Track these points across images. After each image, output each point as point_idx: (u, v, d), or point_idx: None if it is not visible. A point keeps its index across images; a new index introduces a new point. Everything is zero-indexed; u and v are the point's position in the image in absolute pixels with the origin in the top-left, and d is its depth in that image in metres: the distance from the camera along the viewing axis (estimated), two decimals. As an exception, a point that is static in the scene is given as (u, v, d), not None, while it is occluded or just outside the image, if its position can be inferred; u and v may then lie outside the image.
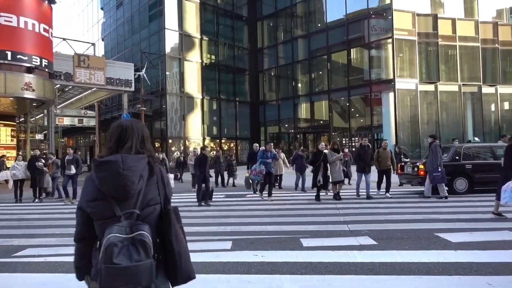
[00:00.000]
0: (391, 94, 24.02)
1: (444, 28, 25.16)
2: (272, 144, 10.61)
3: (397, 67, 23.82)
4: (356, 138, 24.46)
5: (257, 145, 12.36)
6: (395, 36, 23.73)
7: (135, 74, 24.63)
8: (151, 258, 1.51)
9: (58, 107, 29.34)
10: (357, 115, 27.48)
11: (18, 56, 16.91)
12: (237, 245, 4.92)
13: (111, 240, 1.48)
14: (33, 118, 31.86)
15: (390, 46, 24.24)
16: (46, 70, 18.37)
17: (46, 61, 18.31)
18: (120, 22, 33.80)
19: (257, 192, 10.67)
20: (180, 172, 17.63)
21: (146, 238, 1.51)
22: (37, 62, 17.55)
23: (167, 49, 26.82)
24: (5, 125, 23.77)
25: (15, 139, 24.48)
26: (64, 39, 26.26)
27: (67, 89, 28.96)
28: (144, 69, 25.20)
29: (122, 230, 1.51)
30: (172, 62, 27.63)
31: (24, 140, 27.78)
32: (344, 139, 26.66)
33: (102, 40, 37.17)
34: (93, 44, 29.59)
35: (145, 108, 24.88)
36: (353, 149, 20.89)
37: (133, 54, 30.17)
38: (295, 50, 30.25)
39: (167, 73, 26.91)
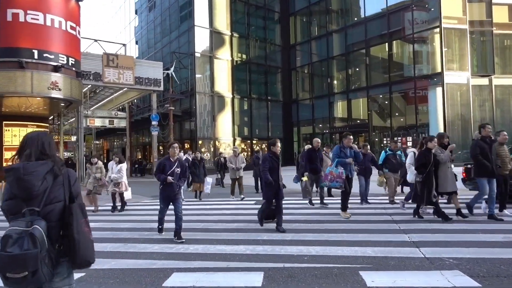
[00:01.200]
0: (439, 89, 21.78)
1: (499, 15, 22.58)
2: (351, 137, 7.25)
3: (445, 60, 21.56)
4: (399, 138, 22.36)
5: (319, 140, 9.19)
6: (443, 25, 21.47)
7: (164, 73, 23.96)
8: (37, 249, 1.79)
9: (91, 108, 29.41)
10: (398, 113, 25.32)
11: (45, 55, 16.48)
12: (271, 279, 3.54)
13: (7, 232, 1.82)
14: (69, 120, 32.24)
15: (437, 36, 22.00)
16: (73, 69, 17.88)
17: (73, 59, 17.83)
18: (151, 24, 33.59)
19: (322, 202, 8.47)
20: (221, 175, 15.77)
21: (36, 231, 1.81)
22: (63, 60, 17.08)
23: (197, 47, 25.99)
24: (38, 126, 23.80)
25: (47, 141, 24.49)
26: (95, 40, 26.12)
27: (98, 91, 28.93)
28: (173, 67, 24.50)
29: (23, 223, 1.84)
30: (202, 60, 26.78)
31: (57, 141, 27.96)
32: (385, 139, 24.57)
33: (136, 43, 37.24)
34: (124, 45, 29.39)
35: (173, 108, 24.12)
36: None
37: (163, 56, 29.69)
38: (330, 45, 28.50)
39: (197, 72, 26.07)
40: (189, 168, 11.09)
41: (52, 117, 26.90)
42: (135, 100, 31.52)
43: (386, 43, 24.84)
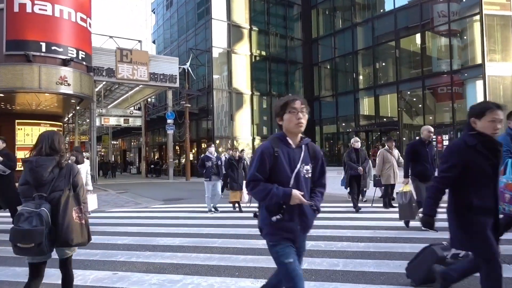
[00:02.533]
0: (479, 83, 19.75)
1: (547, 0, 20.32)
2: None
3: (486, 50, 19.50)
4: (438, 137, 20.42)
5: (430, 128, 6.07)
6: (484, 12, 19.45)
7: (179, 68, 22.81)
8: (43, 226, 2.29)
9: (108, 107, 28.62)
10: (431, 109, 23.29)
11: (53, 48, 15.48)
12: None
13: (20, 211, 2.35)
14: (86, 120, 31.59)
15: (477, 24, 19.98)
16: (84, 63, 16.86)
17: (84, 53, 16.80)
18: (168, 22, 32.67)
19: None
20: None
21: (42, 212, 2.32)
22: (73, 54, 16.06)
23: (215, 42, 24.69)
24: (51, 125, 23.07)
25: (61, 140, 23.67)
26: (110, 36, 25.23)
27: (113, 89, 28.08)
28: (189, 62, 23.29)
29: (33, 205, 2.36)
30: (220, 55, 25.48)
31: (72, 141, 27.26)
32: (417, 138, 22.60)
33: (153, 42, 36.42)
34: (140, 41, 28.46)
35: (189, 105, 22.88)
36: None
37: (180, 54, 28.61)
38: (355, 38, 26.74)
39: (214, 68, 24.78)
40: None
41: (67, 117, 26.21)
42: (151, 99, 30.60)
43: (419, 34, 22.91)
